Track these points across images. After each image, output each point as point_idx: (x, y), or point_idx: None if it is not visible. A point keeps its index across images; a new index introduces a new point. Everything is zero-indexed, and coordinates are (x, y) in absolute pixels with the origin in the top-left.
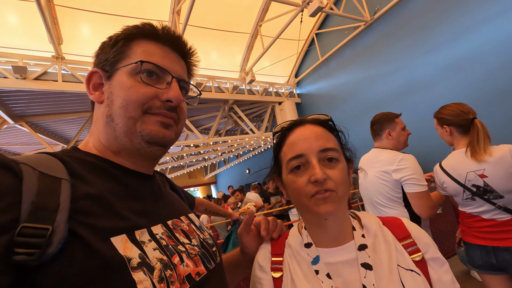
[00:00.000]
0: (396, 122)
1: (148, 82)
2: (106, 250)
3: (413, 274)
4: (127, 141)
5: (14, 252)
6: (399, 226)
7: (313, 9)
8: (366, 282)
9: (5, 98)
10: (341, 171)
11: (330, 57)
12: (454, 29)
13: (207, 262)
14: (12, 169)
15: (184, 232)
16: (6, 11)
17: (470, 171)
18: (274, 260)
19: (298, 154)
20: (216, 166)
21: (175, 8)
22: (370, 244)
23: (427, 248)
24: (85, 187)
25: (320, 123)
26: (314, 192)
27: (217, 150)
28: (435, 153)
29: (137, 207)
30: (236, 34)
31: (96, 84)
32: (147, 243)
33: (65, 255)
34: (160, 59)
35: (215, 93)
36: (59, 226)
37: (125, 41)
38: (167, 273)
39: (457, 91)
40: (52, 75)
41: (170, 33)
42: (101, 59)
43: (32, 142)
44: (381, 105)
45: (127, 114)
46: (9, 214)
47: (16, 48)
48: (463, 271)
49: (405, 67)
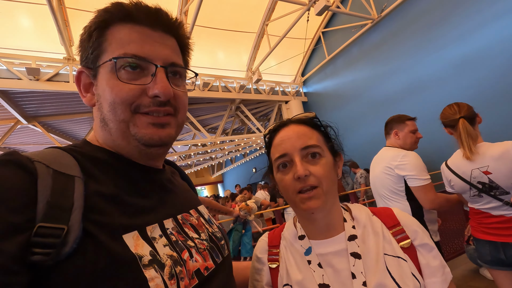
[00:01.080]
0: (405, 124)
1: (130, 78)
2: (118, 248)
3: (400, 260)
4: (125, 144)
5: (32, 252)
6: (389, 215)
7: (319, 8)
8: (354, 270)
9: (18, 99)
10: (323, 166)
11: (336, 56)
12: (462, 26)
13: (215, 256)
14: (27, 168)
15: (193, 226)
16: (20, 15)
17: (474, 168)
18: (270, 251)
19: (282, 153)
20: (223, 165)
21: (183, 9)
22: (360, 235)
23: (416, 235)
24: (96, 184)
25: (303, 122)
26: (299, 188)
27: (224, 149)
28: (443, 151)
29: (148, 203)
30: (243, 33)
31: (86, 84)
32: (157, 239)
33: (79, 254)
34: (138, 46)
35: (222, 92)
36: (73, 225)
37: (99, 31)
38: (177, 269)
39: (465, 89)
40: (64, 76)
41: (145, 10)
42: (82, 57)
43: (44, 142)
44: (389, 104)
45: (117, 118)
46: (25, 214)
47: (29, 50)
48: (472, 269)
49: (413, 65)
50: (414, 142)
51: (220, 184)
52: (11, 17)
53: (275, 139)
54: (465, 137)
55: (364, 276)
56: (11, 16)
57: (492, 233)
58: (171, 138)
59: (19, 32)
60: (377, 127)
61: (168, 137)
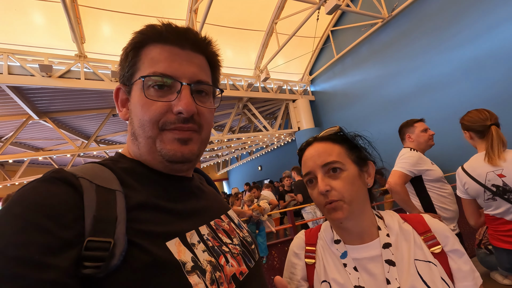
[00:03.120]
0: (414, 126)
1: (157, 96)
2: (163, 256)
3: (430, 265)
4: (150, 160)
5: (83, 266)
6: (420, 221)
7: (330, 7)
8: (389, 276)
9: (31, 95)
10: (344, 180)
11: (345, 55)
12: (474, 27)
13: (248, 261)
14: (73, 184)
15: (225, 231)
16: (34, 12)
17: (490, 171)
18: (308, 249)
19: (307, 171)
20: (228, 163)
21: (193, 7)
22: (393, 242)
23: (446, 241)
24: (135, 195)
25: (326, 139)
26: (324, 202)
27: (231, 147)
28: (454, 152)
29: (183, 210)
30: (252, 32)
31: (123, 100)
32: (197, 245)
33: (127, 265)
34: (167, 65)
35: (230, 90)
36: (119, 238)
37: (135, 51)
38: (217, 275)
39: (478, 90)
40: (75, 73)
41: (174, 30)
42: (121, 74)
43: (55, 137)
44: (398, 104)
45: (145, 134)
46: (75, 229)
47: (42, 47)
48: (483, 273)
49: (424, 65)
50: (427, 139)
51: (226, 182)
52: (25, 15)
53: (303, 158)
54: (497, 144)
55: (398, 282)
56: (25, 14)
57: (509, 241)
58: (194, 155)
59: (33, 29)
60: (386, 127)
61: (190, 153)
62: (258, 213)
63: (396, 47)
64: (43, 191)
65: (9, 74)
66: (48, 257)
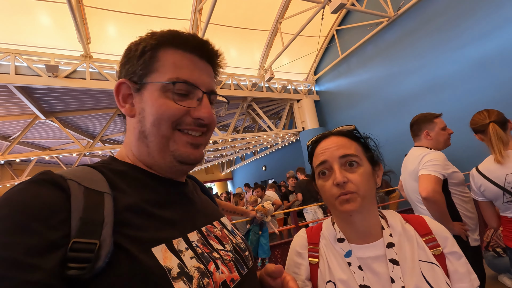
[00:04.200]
0: (434, 122)
1: (178, 99)
2: (148, 262)
3: (433, 266)
4: (160, 159)
5: (67, 267)
6: (421, 223)
7: (335, 6)
8: (393, 275)
9: (38, 95)
10: (361, 175)
11: (350, 54)
12: (483, 25)
13: (240, 268)
14: (61, 186)
15: (217, 238)
16: (40, 13)
17: (510, 173)
18: (310, 248)
19: (322, 160)
20: (232, 163)
21: (197, 7)
22: (397, 242)
23: (446, 243)
24: (124, 198)
25: (343, 134)
26: (339, 194)
27: (235, 147)
28: (462, 152)
29: (172, 216)
30: (256, 31)
31: (125, 95)
32: (184, 252)
33: (113, 268)
34: (189, 72)
35: (234, 90)
36: (105, 240)
37: (152, 52)
38: (205, 282)
39: (485, 89)
40: (81, 73)
41: (198, 40)
42: (128, 70)
43: (61, 136)
44: (404, 104)
45: (160, 133)
46: (61, 230)
47: (49, 47)
48: (490, 275)
49: (430, 64)
50: (446, 139)
51: (230, 181)
52: (31, 16)
53: (316, 149)
54: (495, 141)
55: (403, 281)
56: (32, 15)
57: None
58: (201, 158)
59: (39, 30)
60: (392, 127)
61: (200, 157)
62: (262, 214)
63: (402, 46)
64: (30, 193)
65: (16, 75)
66: (33, 258)
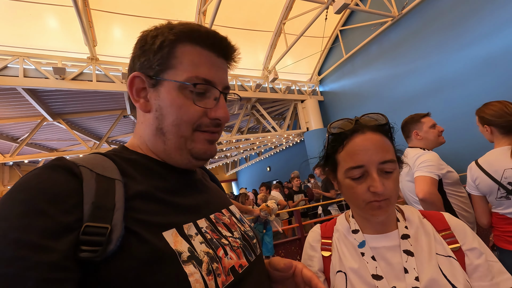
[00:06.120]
0: (422, 122)
1: (196, 99)
2: (159, 245)
3: (451, 259)
4: (176, 156)
5: (80, 250)
6: (440, 219)
7: (338, 6)
8: (407, 265)
9: (45, 98)
10: (395, 181)
11: (354, 54)
12: (489, 23)
13: (248, 255)
14: (74, 172)
15: (225, 225)
16: (48, 16)
17: (508, 168)
18: (324, 241)
19: (359, 165)
20: (237, 164)
21: (201, 9)
22: (412, 234)
23: (465, 240)
24: (135, 185)
25: (379, 130)
26: (372, 200)
27: (239, 148)
28: (468, 152)
29: (182, 203)
30: (260, 32)
31: (139, 89)
32: (194, 237)
33: (124, 251)
34: (207, 71)
35: (238, 91)
36: (116, 224)
37: (170, 47)
38: (214, 266)
39: (491, 88)
40: (87, 75)
41: (217, 37)
42: (143, 64)
43: (68, 138)
44: (410, 104)
45: (179, 133)
46: (74, 214)
47: (56, 50)
48: None
49: (435, 64)
50: (437, 135)
51: (234, 182)
52: (40, 19)
53: (348, 145)
54: None
55: (417, 272)
56: (40, 18)
57: None
58: (215, 153)
59: (47, 33)
60: (398, 127)
61: (215, 152)
62: (266, 213)
63: (407, 46)
64: (45, 177)
65: (24, 77)
66: (48, 240)
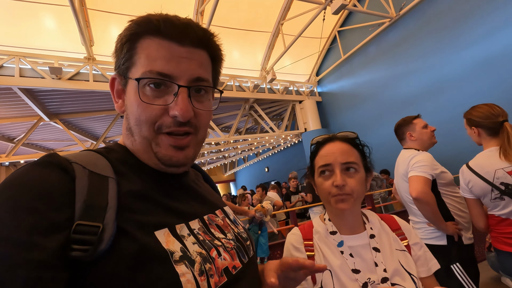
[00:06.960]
0: (414, 123)
1: (154, 96)
2: (151, 244)
3: (405, 253)
4: (145, 158)
5: (71, 249)
6: (393, 221)
7: (336, 7)
8: (376, 260)
9: (42, 97)
10: (357, 180)
11: (353, 55)
12: (487, 24)
13: (242, 256)
14: (66, 169)
15: (219, 226)
16: (44, 16)
17: (499, 168)
18: (306, 243)
19: (326, 163)
20: (235, 164)
21: (199, 9)
22: (377, 234)
23: (410, 236)
24: (128, 184)
25: (346, 141)
26: (336, 193)
27: (237, 148)
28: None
29: (175, 204)
30: (258, 33)
31: (119, 90)
32: (186, 237)
33: (115, 250)
34: (164, 63)
35: (236, 91)
36: (108, 224)
37: (130, 43)
38: (207, 266)
39: (489, 89)
40: (84, 75)
41: (173, 26)
42: (116, 64)
43: (65, 138)
44: (407, 104)
45: (141, 133)
46: (65, 212)
47: (52, 50)
48: (493, 277)
49: (433, 65)
50: (430, 136)
51: (232, 183)
52: (36, 19)
53: (321, 150)
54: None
55: (384, 265)
56: (36, 18)
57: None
58: (189, 159)
59: (43, 33)
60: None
61: (185, 159)
62: (261, 214)
63: (405, 46)
64: (36, 174)
65: (20, 77)
66: (36, 237)
